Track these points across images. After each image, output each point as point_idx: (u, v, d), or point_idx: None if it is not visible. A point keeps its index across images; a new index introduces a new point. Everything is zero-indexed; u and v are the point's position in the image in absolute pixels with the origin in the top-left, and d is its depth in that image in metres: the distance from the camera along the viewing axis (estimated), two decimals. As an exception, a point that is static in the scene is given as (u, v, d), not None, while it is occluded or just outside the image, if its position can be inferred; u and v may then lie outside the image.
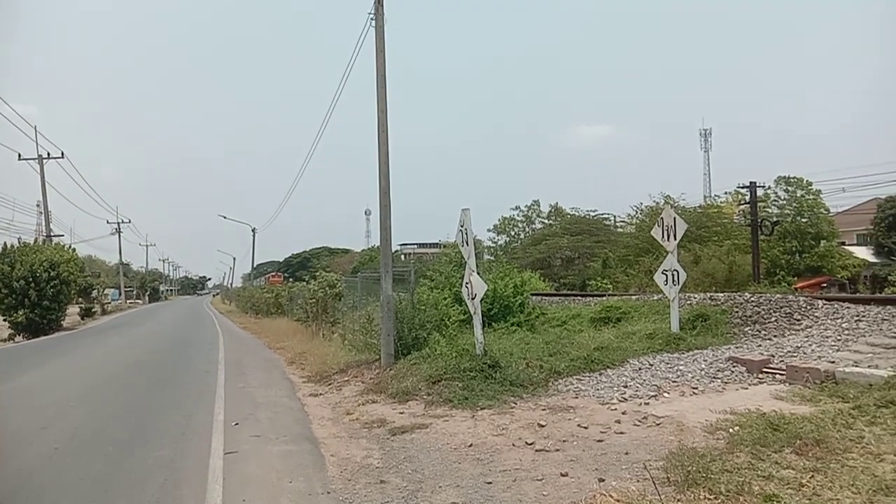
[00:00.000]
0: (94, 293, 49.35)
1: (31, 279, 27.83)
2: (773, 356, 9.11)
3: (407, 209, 75.10)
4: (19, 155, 36.16)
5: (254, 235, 54.72)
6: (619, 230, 49.01)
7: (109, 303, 58.64)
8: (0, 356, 19.42)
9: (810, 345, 9.52)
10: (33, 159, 36.14)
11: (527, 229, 60.62)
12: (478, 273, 9.85)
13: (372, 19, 11.38)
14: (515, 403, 7.85)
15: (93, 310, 45.49)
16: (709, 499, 4.17)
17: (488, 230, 62.06)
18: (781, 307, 11.58)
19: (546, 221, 58.18)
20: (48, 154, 36.78)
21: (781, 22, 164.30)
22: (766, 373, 8.43)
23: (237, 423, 7.98)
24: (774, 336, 10.62)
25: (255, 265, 64.27)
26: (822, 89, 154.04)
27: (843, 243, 42.03)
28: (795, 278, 33.05)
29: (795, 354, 9.12)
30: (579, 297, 19.82)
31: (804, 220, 37.92)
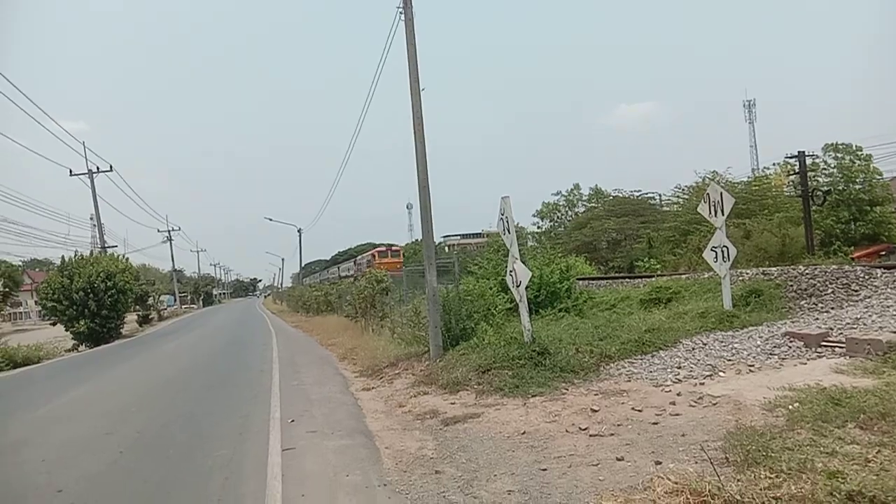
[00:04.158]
0: (150, 300, 50.78)
1: (89, 290, 28.72)
2: (831, 329, 8.85)
3: (448, 201, 74.89)
4: (70, 171, 37.43)
5: (300, 236, 55.70)
6: (666, 209, 48.03)
7: (165, 309, 60.28)
8: (66, 366, 20.22)
9: (870, 315, 9.21)
10: (84, 174, 37.30)
11: (569, 213, 60.01)
12: (522, 260, 9.80)
13: (401, 13, 11.38)
14: (567, 389, 7.81)
15: (150, 316, 46.96)
16: (770, 478, 4.06)
17: (532, 215, 61.71)
18: (838, 278, 11.22)
19: (588, 205, 57.47)
20: (97, 168, 37.93)
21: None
22: (825, 346, 8.19)
23: (293, 420, 8.12)
24: (832, 308, 10.30)
25: (302, 265, 65.32)
26: (863, 57, 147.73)
27: (902, 208, 40.36)
28: (852, 248, 31.94)
29: (855, 326, 8.84)
30: (627, 280, 19.57)
31: (857, 186, 36.56)
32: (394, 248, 53.85)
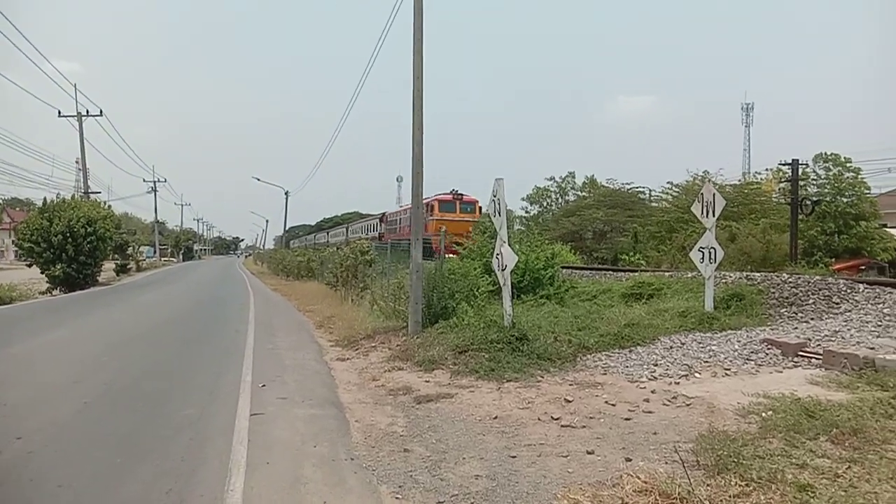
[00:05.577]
0: (130, 250, 50.23)
1: (68, 234, 28.26)
2: (809, 340, 8.86)
3: (438, 178, 74.40)
4: (59, 112, 36.73)
5: (286, 199, 55.37)
6: (654, 205, 48.17)
7: (144, 260, 59.76)
8: (39, 308, 19.96)
9: (849, 329, 9.23)
10: (72, 116, 36.65)
11: (559, 201, 60.02)
12: (509, 244, 9.73)
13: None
14: (542, 377, 7.77)
15: (128, 266, 46.42)
16: (740, 485, 4.04)
17: (522, 199, 61.65)
18: (820, 289, 11.25)
19: (580, 194, 57.47)
20: (87, 112, 37.26)
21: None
22: (802, 356, 8.21)
23: (264, 385, 8.03)
24: (812, 319, 10.33)
25: (287, 228, 64.88)
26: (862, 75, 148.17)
27: (885, 225, 40.71)
28: (833, 259, 32.24)
29: (833, 339, 8.85)
30: (610, 272, 19.57)
31: (844, 199, 36.79)
32: (465, 197, 32.75)
